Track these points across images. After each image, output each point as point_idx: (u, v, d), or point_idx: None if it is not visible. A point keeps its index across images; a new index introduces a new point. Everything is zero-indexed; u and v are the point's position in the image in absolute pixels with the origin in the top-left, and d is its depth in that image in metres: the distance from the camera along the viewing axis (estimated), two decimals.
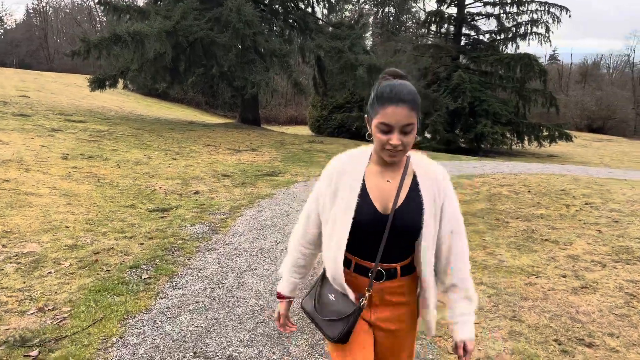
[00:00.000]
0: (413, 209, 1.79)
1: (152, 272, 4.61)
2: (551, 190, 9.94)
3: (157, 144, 13.54)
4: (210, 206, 7.55)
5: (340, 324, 1.81)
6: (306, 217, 1.99)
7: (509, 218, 7.50)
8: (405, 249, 1.85)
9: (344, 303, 1.83)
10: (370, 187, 1.81)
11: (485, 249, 5.75)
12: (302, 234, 2.01)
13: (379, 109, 1.72)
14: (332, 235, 1.83)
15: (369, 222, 1.78)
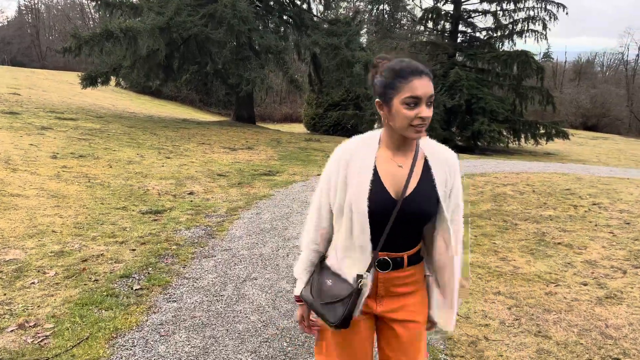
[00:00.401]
0: (425, 194, 1.75)
1: (144, 282, 4.25)
2: (556, 190, 9.63)
3: (150, 143, 13.14)
4: (205, 208, 7.19)
5: (340, 307, 1.74)
6: (317, 212, 1.89)
7: (517, 220, 7.18)
8: (413, 237, 1.80)
9: (342, 286, 1.77)
10: (383, 173, 1.75)
11: (497, 254, 5.42)
12: (315, 230, 1.90)
13: (403, 84, 1.67)
14: (352, 225, 1.74)
15: (383, 208, 1.71)
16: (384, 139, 1.81)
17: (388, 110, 1.73)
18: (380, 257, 1.77)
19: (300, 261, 1.95)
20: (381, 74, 1.74)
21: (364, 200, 1.70)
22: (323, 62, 20.00)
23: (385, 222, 1.72)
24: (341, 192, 1.77)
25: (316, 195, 1.89)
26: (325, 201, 1.85)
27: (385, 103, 1.73)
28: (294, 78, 18.41)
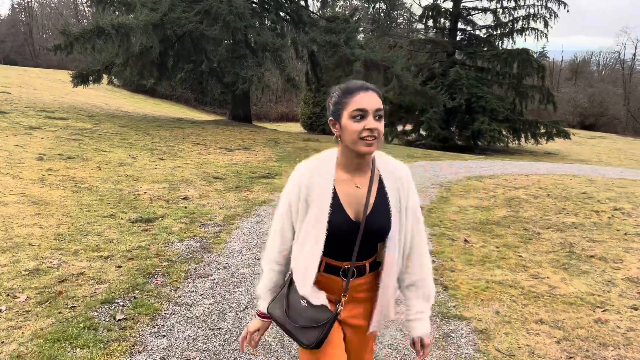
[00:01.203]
0: (382, 213, 1.80)
1: (130, 309, 3.61)
2: (572, 194, 9.05)
3: (143, 143, 12.47)
4: (201, 215, 6.54)
5: (315, 331, 1.76)
6: (280, 234, 1.91)
7: (538, 228, 6.57)
8: (372, 248, 1.87)
9: (317, 309, 1.79)
10: (342, 195, 1.80)
11: (526, 270, 4.81)
12: (277, 251, 1.92)
13: (349, 99, 1.74)
14: (304, 246, 1.80)
15: (343, 230, 1.77)
16: (340, 160, 1.84)
17: (339, 127, 1.77)
18: (346, 267, 1.82)
19: (263, 281, 1.95)
20: (331, 95, 1.81)
21: (323, 225, 1.75)
22: (321, 60, 19.36)
23: (346, 240, 1.78)
24: (303, 215, 1.80)
25: (276, 220, 1.91)
26: (287, 224, 1.87)
27: (336, 120, 1.78)
28: (291, 76, 17.75)
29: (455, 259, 5.08)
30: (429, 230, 6.28)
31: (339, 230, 1.77)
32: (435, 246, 5.54)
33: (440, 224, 6.65)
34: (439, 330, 3.49)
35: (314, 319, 1.77)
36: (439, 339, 3.37)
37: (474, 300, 3.99)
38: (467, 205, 7.90)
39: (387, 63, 17.41)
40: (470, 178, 10.58)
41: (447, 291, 4.16)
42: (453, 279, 4.45)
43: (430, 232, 6.17)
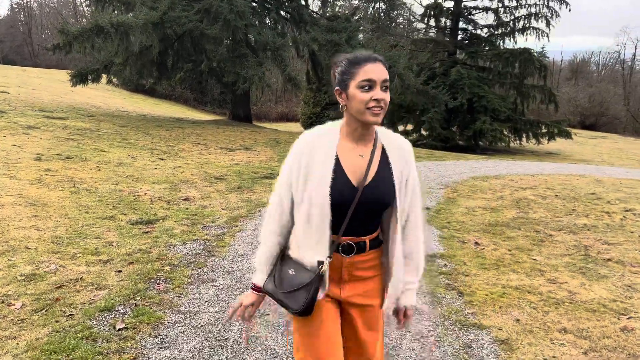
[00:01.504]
0: (383, 183, 1.81)
1: (131, 317, 3.40)
2: (580, 194, 8.86)
3: (142, 143, 12.27)
4: (203, 217, 6.34)
5: (302, 293, 1.76)
6: (279, 205, 1.88)
7: (550, 229, 6.38)
8: (373, 222, 1.86)
9: (305, 273, 1.80)
10: (345, 163, 1.79)
11: (543, 275, 4.62)
12: (276, 222, 1.90)
13: (358, 69, 1.74)
14: (310, 215, 1.77)
15: (345, 196, 1.76)
16: (344, 129, 1.84)
17: (346, 96, 1.77)
18: (344, 242, 1.81)
19: (261, 252, 1.93)
20: (337, 64, 1.81)
21: (326, 189, 1.74)
22: (323, 60, 19.14)
23: (347, 208, 1.76)
24: (303, 184, 1.79)
25: (277, 190, 1.89)
26: (286, 194, 1.85)
27: (343, 90, 1.78)
28: (292, 76, 17.54)
29: (468, 262, 4.89)
30: (437, 232, 6.09)
31: (342, 195, 1.76)
32: (446, 249, 5.35)
33: (449, 225, 6.46)
34: (459, 341, 3.29)
35: (300, 282, 1.78)
36: (459, 350, 3.17)
37: (491, 307, 3.79)
38: (475, 206, 7.71)
39: (389, 62, 17.19)
40: (476, 178, 10.39)
41: (463, 297, 3.97)
42: (468, 284, 4.25)
43: (439, 235, 5.98)
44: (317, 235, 1.77)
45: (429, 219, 6.78)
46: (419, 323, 3.46)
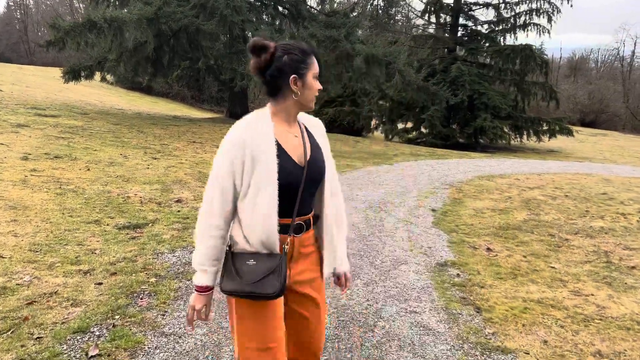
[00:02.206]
0: (319, 158, 1.93)
1: (106, 341, 2.97)
2: (591, 194, 8.45)
3: (136, 141, 11.82)
4: (195, 220, 5.90)
5: (273, 278, 1.76)
6: (220, 196, 1.81)
7: (564, 233, 5.96)
8: (312, 198, 1.95)
9: (267, 259, 1.79)
10: (284, 144, 1.85)
11: (565, 285, 4.19)
12: (219, 216, 1.81)
13: (312, 60, 1.90)
14: (257, 201, 1.78)
15: (293, 176, 1.83)
16: (279, 115, 1.89)
17: (302, 85, 1.85)
18: (296, 223, 1.87)
19: (203, 251, 1.83)
20: (289, 53, 1.84)
21: (274, 173, 1.77)
22: (321, 56, 18.69)
23: (297, 188, 1.84)
24: (250, 172, 1.78)
25: (216, 182, 1.82)
26: (229, 184, 1.81)
27: (300, 78, 1.85)
28: None
29: (482, 271, 4.46)
30: (446, 236, 5.67)
31: (290, 176, 1.81)
32: (457, 256, 4.92)
33: (458, 229, 6.03)
34: None
35: (267, 268, 1.77)
36: None
37: (514, 326, 3.36)
38: (483, 208, 7.29)
39: (389, 58, 16.77)
40: (481, 177, 9.98)
41: (481, 314, 3.54)
42: (485, 298, 3.82)
43: (448, 239, 5.55)
44: (271, 219, 1.78)
45: (435, 221, 6.35)
46: (435, 347, 3.03)
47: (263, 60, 1.82)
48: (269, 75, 1.83)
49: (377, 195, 7.75)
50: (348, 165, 10.75)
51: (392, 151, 14.72)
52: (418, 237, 5.51)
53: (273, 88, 1.85)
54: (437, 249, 5.10)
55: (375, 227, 5.81)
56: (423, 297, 3.76)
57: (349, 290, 3.78)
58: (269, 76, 1.84)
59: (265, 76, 1.84)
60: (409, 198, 7.70)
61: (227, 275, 1.81)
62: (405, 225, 5.98)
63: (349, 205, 6.92)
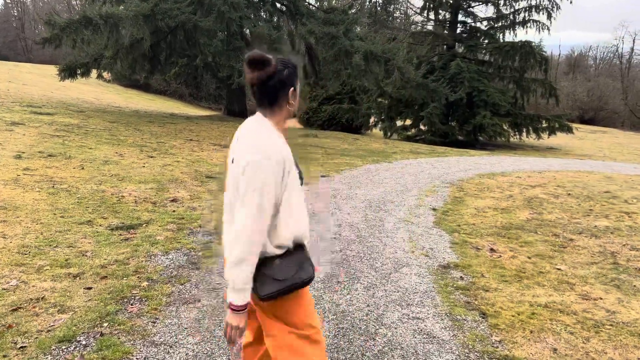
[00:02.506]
0: None
1: (92, 351, 2.81)
2: (594, 193, 8.29)
3: (132, 139, 11.65)
4: (190, 221, 5.75)
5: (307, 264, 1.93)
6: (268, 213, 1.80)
7: (569, 233, 5.81)
8: None
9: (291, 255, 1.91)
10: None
11: (573, 288, 4.04)
12: (265, 231, 1.83)
13: (298, 74, 1.96)
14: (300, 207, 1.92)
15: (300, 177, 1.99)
16: (279, 124, 1.95)
17: (294, 97, 1.94)
18: None
19: (250, 269, 1.80)
20: (288, 67, 1.90)
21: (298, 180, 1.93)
22: (320, 53, 18.52)
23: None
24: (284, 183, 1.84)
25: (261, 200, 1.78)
26: (271, 203, 1.81)
27: (295, 91, 1.94)
28: None
29: (487, 274, 4.31)
30: (448, 237, 5.51)
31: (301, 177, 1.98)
32: (460, 257, 4.76)
33: (459, 229, 5.88)
34: None
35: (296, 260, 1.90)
36: None
37: (522, 333, 3.21)
38: (485, 207, 7.13)
39: (388, 55, 16.58)
40: (482, 175, 9.82)
41: (486, 320, 3.38)
42: (490, 302, 3.67)
43: (450, 240, 5.39)
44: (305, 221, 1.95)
45: (436, 221, 6.20)
46: (440, 356, 2.87)
47: (266, 73, 1.85)
48: (271, 86, 1.87)
49: (376, 194, 7.59)
50: (347, 164, 10.58)
51: (392, 149, 14.56)
52: (419, 237, 5.35)
53: (273, 99, 1.89)
54: (439, 250, 4.94)
55: (375, 227, 5.65)
56: (426, 302, 3.60)
57: (349, 295, 3.63)
58: (272, 88, 1.87)
59: (267, 87, 1.87)
60: (409, 197, 7.54)
61: (261, 281, 1.84)
62: (406, 226, 5.82)
63: (348, 205, 6.76)
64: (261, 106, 1.92)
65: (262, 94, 1.89)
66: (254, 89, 1.90)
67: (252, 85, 1.89)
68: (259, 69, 1.85)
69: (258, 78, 1.86)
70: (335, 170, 9.76)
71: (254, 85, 1.88)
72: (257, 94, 1.90)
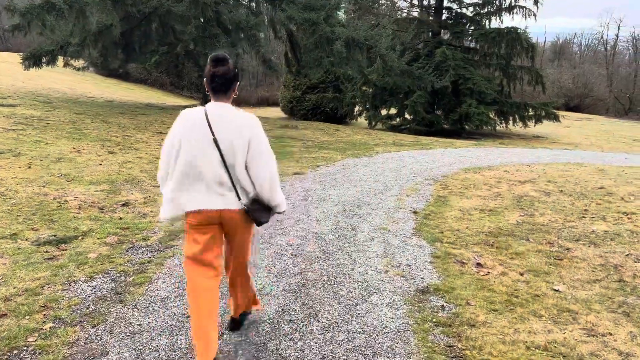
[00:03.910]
0: None
1: None
2: (587, 189, 7.60)
3: (96, 133, 10.77)
4: (135, 231, 4.95)
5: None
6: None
7: (564, 240, 5.09)
8: None
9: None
10: None
11: (576, 319, 3.31)
12: None
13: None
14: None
15: None
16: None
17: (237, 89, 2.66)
18: None
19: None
20: (236, 67, 2.64)
21: None
22: (300, 40, 17.65)
23: None
24: None
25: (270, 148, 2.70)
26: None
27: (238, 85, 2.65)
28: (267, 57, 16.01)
29: (473, 300, 3.57)
30: (429, 248, 4.76)
31: None
32: (442, 277, 4.02)
33: (442, 237, 5.13)
34: None
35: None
36: None
37: None
38: (470, 208, 6.40)
39: (370, 42, 15.73)
40: (467, 170, 9.08)
41: None
42: (478, 345, 2.92)
43: (431, 252, 4.64)
44: None
45: (417, 227, 5.45)
46: None
47: (228, 68, 2.53)
48: (229, 78, 2.55)
49: (352, 195, 6.82)
50: (325, 158, 9.79)
51: (374, 140, 13.77)
52: (396, 251, 4.60)
53: (228, 88, 2.55)
54: (417, 267, 4.19)
55: (346, 238, 4.89)
56: (397, 348, 2.85)
57: (301, 342, 2.86)
58: (229, 79, 2.55)
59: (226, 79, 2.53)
60: (388, 197, 6.78)
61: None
62: (382, 235, 5.07)
63: (319, 209, 6.00)
64: (217, 94, 2.54)
65: (221, 84, 2.51)
66: (216, 80, 2.50)
67: (214, 76, 2.51)
68: (221, 65, 2.52)
69: (223, 71, 2.50)
70: (311, 166, 8.97)
71: (216, 77, 2.50)
72: (216, 84, 2.51)
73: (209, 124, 2.46)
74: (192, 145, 2.46)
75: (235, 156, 2.46)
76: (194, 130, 2.48)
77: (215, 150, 2.45)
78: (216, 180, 2.47)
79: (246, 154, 2.48)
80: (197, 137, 2.46)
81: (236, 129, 2.47)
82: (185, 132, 2.50)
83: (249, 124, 2.52)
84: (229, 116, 2.50)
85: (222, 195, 2.48)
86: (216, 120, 2.47)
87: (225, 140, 2.45)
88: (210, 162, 2.46)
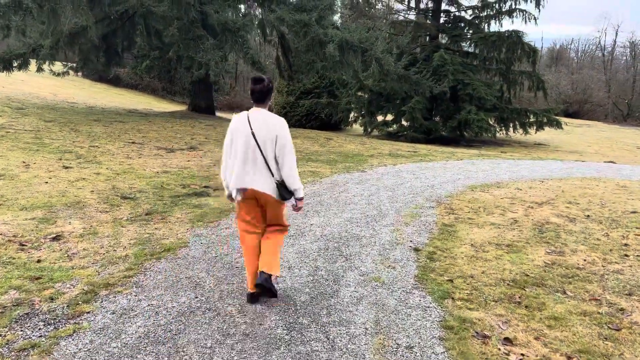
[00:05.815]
0: None
1: None
2: (617, 213, 6.32)
3: (59, 143, 9.47)
4: (45, 285, 3.64)
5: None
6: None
7: (613, 294, 3.81)
8: None
9: None
10: None
11: None
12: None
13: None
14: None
15: None
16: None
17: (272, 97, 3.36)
18: None
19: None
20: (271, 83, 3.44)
21: None
22: (292, 43, 16.37)
23: None
24: None
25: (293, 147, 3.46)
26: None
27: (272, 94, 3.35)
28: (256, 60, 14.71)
29: None
30: (437, 311, 3.46)
31: None
32: None
33: (453, 290, 3.83)
34: None
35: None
36: None
37: None
38: (484, 241, 5.10)
39: (365, 45, 14.46)
40: (474, 188, 7.78)
41: None
42: None
43: (440, 320, 3.33)
44: None
45: (419, 274, 4.15)
46: None
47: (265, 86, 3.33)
48: (266, 92, 3.35)
49: (339, 225, 5.51)
50: (312, 174, 8.48)
51: (368, 151, 12.46)
52: (392, 320, 3.29)
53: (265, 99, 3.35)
54: (423, 352, 2.90)
55: (324, 298, 3.58)
56: None
57: None
58: (266, 93, 3.36)
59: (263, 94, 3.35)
60: (383, 228, 5.48)
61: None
62: (374, 291, 3.76)
63: (294, 247, 4.68)
64: (259, 102, 3.35)
65: (262, 97, 3.34)
66: (255, 94, 3.34)
67: (253, 92, 3.34)
68: (259, 83, 3.33)
69: (259, 88, 3.32)
70: None
71: (255, 92, 3.33)
72: (255, 96, 3.34)
73: (249, 122, 3.28)
74: (239, 136, 3.30)
75: (266, 146, 3.26)
76: (239, 125, 3.32)
77: (253, 140, 3.26)
78: (255, 162, 3.28)
79: (275, 147, 3.25)
80: (242, 131, 3.29)
81: (268, 126, 3.26)
82: (236, 127, 3.33)
83: (278, 123, 3.29)
84: (264, 117, 3.30)
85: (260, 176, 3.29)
86: (254, 119, 3.29)
87: (259, 133, 3.25)
88: (253, 150, 3.27)
